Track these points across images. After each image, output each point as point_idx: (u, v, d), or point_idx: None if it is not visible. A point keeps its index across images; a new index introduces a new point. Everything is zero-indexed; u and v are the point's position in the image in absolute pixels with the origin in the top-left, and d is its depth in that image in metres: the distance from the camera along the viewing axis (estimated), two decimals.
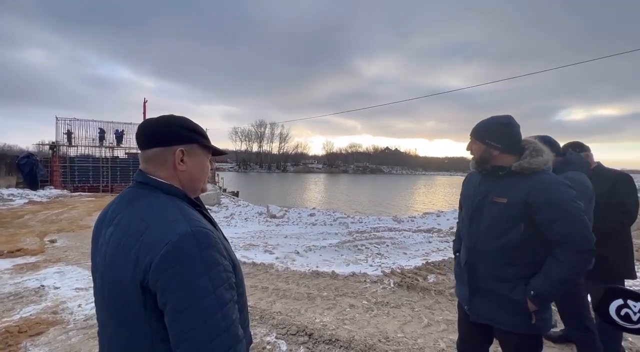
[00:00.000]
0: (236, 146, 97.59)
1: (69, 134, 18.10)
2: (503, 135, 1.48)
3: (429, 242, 6.83)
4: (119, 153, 19.76)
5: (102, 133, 18.98)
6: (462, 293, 1.65)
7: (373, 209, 17.47)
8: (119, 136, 19.25)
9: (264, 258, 5.28)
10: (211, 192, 12.42)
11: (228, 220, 9.69)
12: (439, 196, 32.42)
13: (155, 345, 0.74)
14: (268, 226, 9.01)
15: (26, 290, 3.66)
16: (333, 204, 20.32)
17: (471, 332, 1.66)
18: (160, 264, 0.69)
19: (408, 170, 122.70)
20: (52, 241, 6.07)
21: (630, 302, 0.61)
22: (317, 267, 4.74)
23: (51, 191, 14.64)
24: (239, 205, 13.07)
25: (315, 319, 3.03)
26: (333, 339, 2.62)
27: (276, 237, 7.38)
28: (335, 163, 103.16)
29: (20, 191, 13.46)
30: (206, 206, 1.01)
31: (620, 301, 0.62)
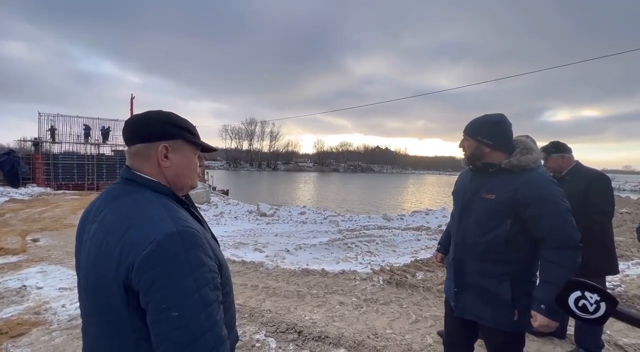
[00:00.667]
0: (226, 144, 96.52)
1: (53, 130, 17.59)
2: (494, 133, 1.52)
3: (418, 240, 6.92)
4: (105, 150, 19.32)
5: (88, 129, 18.49)
6: (449, 289, 1.68)
7: (363, 208, 17.56)
8: (105, 133, 18.81)
9: (254, 256, 5.25)
10: (200, 190, 12.26)
11: (218, 218, 9.58)
12: (428, 195, 32.83)
13: (138, 344, 0.73)
14: (258, 224, 8.95)
15: (7, 290, 3.55)
16: (324, 203, 20.34)
17: (457, 327, 1.70)
18: (143, 264, 0.68)
19: (398, 169, 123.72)
20: (35, 240, 5.91)
21: (587, 293, 0.64)
22: (307, 265, 4.74)
23: (33, 189, 14.22)
24: (229, 203, 12.94)
25: (304, 317, 3.03)
26: (322, 336, 2.63)
27: (266, 235, 7.34)
28: (326, 162, 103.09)
29: (0, 189, 13.03)
30: (195, 205, 0.98)
31: (578, 293, 0.65)
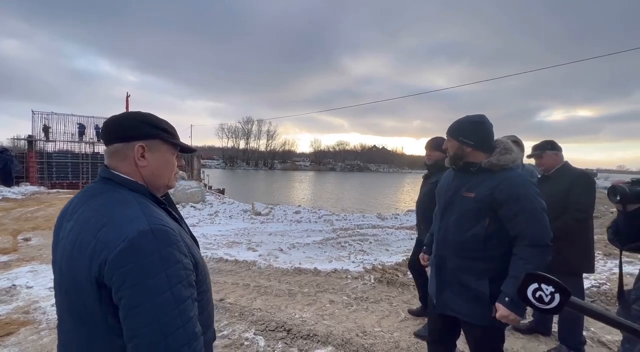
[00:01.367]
0: (223, 143, 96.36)
1: (47, 129, 17.44)
2: (475, 133, 1.56)
3: (411, 239, 6.96)
4: (100, 149, 19.18)
5: (82, 128, 18.35)
6: (431, 286, 1.71)
7: (358, 207, 17.61)
8: (99, 131, 18.69)
9: (247, 255, 5.26)
10: (195, 189, 12.22)
11: (212, 217, 9.57)
12: None
13: (111, 340, 0.74)
14: (252, 224, 8.95)
15: None
16: (319, 202, 20.37)
17: (439, 324, 1.73)
18: (116, 260, 0.69)
19: (395, 168, 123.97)
20: (26, 239, 5.87)
21: (543, 285, 0.67)
22: (300, 264, 4.76)
23: (27, 188, 14.10)
24: (224, 202, 12.91)
25: (294, 315, 3.05)
26: (311, 334, 2.65)
27: (260, 234, 7.35)
28: (323, 161, 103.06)
29: None
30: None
31: (535, 285, 0.68)
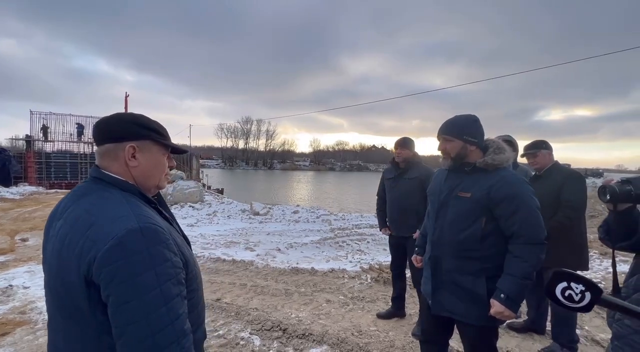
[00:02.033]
0: (222, 143, 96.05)
1: (45, 129, 17.41)
2: (477, 131, 1.57)
3: None
4: None
5: (81, 128, 18.34)
6: (426, 287, 1.72)
7: (357, 207, 17.62)
8: None
9: (244, 255, 5.27)
10: (194, 189, 12.22)
11: (211, 217, 9.57)
12: None
13: (100, 337, 0.75)
14: (251, 223, 8.96)
15: None
16: (318, 201, 20.38)
17: (433, 324, 1.73)
18: (104, 258, 0.69)
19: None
20: (24, 240, 5.87)
21: (572, 284, 0.68)
22: (297, 263, 4.77)
23: (25, 188, 14.08)
24: (223, 202, 12.90)
25: (291, 315, 3.06)
26: (306, 334, 2.66)
27: (258, 234, 7.36)
28: (322, 161, 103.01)
29: None
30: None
31: (564, 284, 0.69)
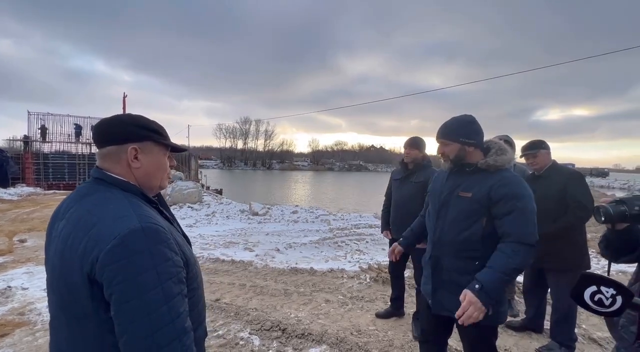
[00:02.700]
0: (220, 143, 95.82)
1: (44, 129, 17.35)
2: (474, 131, 1.58)
3: None
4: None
5: (79, 129, 18.28)
6: (426, 287, 1.73)
7: (356, 206, 17.62)
8: None
9: (244, 255, 5.27)
10: (193, 189, 12.21)
11: (209, 218, 9.56)
12: None
13: (104, 336, 0.76)
14: (250, 224, 8.95)
15: None
16: (317, 202, 20.37)
17: (433, 324, 1.74)
18: (107, 257, 0.71)
19: (393, 167, 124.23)
20: (22, 241, 5.85)
21: (602, 288, 0.64)
22: (297, 263, 4.77)
23: (23, 189, 14.02)
24: (222, 203, 12.89)
25: (290, 315, 3.07)
26: (306, 333, 2.67)
27: (257, 234, 7.36)
28: (322, 161, 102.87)
29: None
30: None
31: (594, 288, 0.65)
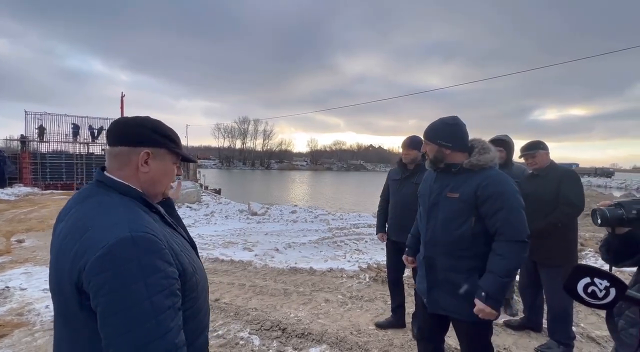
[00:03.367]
0: (219, 143, 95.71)
1: (41, 129, 17.26)
2: (451, 134, 1.59)
3: None
4: (95, 149, 19.05)
5: (76, 128, 18.18)
6: (421, 286, 1.74)
7: (354, 206, 17.64)
8: (94, 132, 18.54)
9: (243, 255, 5.27)
10: (191, 189, 12.19)
11: (208, 218, 9.55)
12: None
13: (93, 344, 0.73)
14: (249, 224, 8.96)
15: None
16: (315, 201, 20.37)
17: (429, 322, 1.76)
18: (93, 267, 0.68)
19: (391, 167, 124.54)
20: (20, 241, 5.83)
21: (596, 279, 0.64)
22: (296, 263, 4.78)
23: (20, 189, 13.96)
24: (220, 202, 12.88)
25: (290, 314, 3.07)
26: (306, 333, 2.67)
27: (256, 234, 7.36)
28: (320, 160, 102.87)
29: None
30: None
31: (587, 279, 0.64)
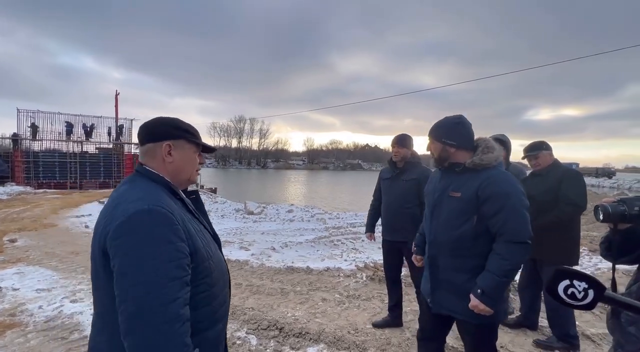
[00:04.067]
0: (214, 142, 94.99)
1: (34, 127, 17.03)
2: (456, 133, 1.59)
3: None
4: (89, 148, 18.85)
5: (70, 127, 17.97)
6: (425, 286, 1.73)
7: (351, 205, 17.65)
8: (87, 130, 18.34)
9: (239, 255, 5.24)
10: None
11: None
12: None
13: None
14: (245, 223, 8.92)
15: None
16: (312, 200, 20.34)
17: (432, 322, 1.74)
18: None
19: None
20: (12, 241, 5.74)
21: (575, 281, 0.67)
22: (293, 263, 4.76)
23: (12, 188, 13.78)
24: (216, 202, 12.82)
25: (287, 314, 3.06)
26: (303, 332, 2.66)
27: (253, 233, 7.33)
28: (316, 160, 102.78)
29: None
30: (202, 199, 1.11)
31: (567, 282, 0.68)
